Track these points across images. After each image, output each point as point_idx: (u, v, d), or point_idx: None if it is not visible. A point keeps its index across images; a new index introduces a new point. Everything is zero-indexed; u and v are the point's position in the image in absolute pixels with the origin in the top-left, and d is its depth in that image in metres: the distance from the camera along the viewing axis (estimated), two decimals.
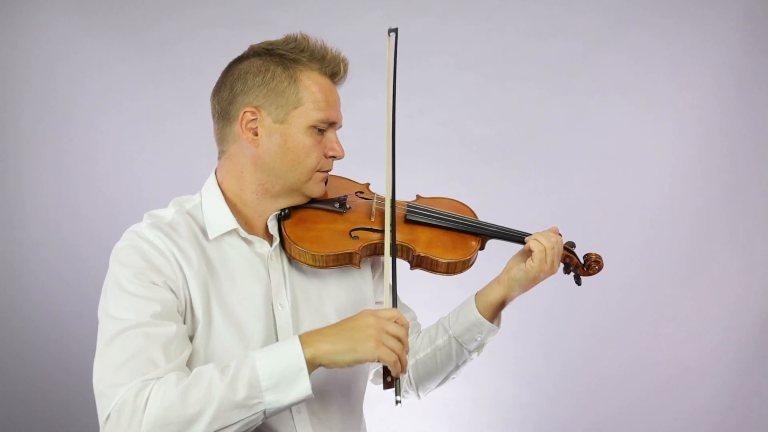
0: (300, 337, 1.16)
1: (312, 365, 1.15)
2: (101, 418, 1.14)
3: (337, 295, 1.43)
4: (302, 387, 1.13)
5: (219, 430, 1.10)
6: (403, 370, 1.19)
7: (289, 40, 1.36)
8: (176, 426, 1.09)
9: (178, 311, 1.24)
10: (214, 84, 1.42)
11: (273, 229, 1.38)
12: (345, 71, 1.39)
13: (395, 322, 1.18)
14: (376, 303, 1.53)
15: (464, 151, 3.03)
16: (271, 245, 1.37)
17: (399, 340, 1.18)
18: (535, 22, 2.99)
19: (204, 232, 1.34)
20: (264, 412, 1.13)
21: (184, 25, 2.99)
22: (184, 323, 1.26)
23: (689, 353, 2.97)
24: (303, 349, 1.14)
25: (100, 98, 2.98)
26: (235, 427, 1.12)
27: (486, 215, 1.60)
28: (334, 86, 1.38)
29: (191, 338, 1.27)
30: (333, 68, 1.37)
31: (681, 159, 2.98)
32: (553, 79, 3.00)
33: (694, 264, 2.99)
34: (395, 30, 1.47)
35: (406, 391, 1.61)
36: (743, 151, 2.97)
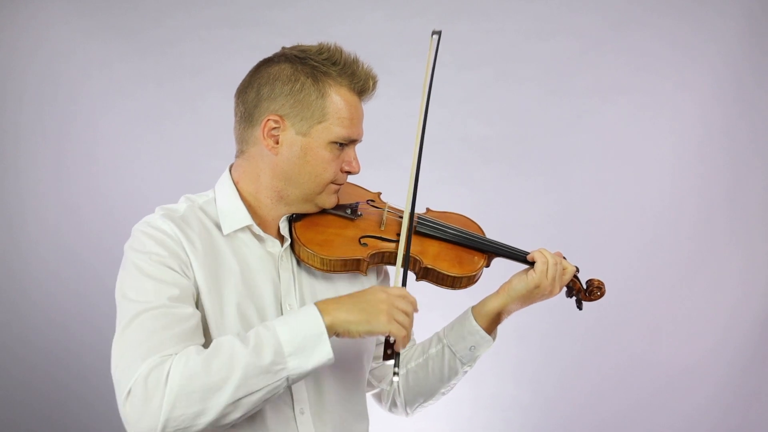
0: (316, 304, 1.19)
1: (330, 332, 1.17)
2: (122, 396, 1.10)
3: None
4: (324, 351, 1.15)
5: (242, 398, 1.10)
6: (405, 343, 1.22)
7: (322, 50, 1.34)
8: (200, 394, 1.08)
9: (194, 298, 1.25)
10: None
11: (284, 230, 1.38)
12: (374, 88, 1.38)
13: (404, 298, 1.22)
14: None
15: (464, 151, 3.03)
16: (282, 246, 1.38)
17: (407, 315, 1.21)
18: (535, 22, 2.99)
19: (217, 228, 1.34)
20: (287, 379, 1.14)
21: (184, 25, 2.99)
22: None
23: (689, 353, 2.97)
24: (322, 315, 1.16)
25: (100, 98, 2.98)
26: (258, 395, 1.12)
27: (487, 215, 1.60)
28: (360, 103, 1.38)
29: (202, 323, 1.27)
30: (362, 85, 1.36)
31: (681, 159, 2.98)
32: (553, 79, 3.00)
33: (694, 264, 2.99)
34: (439, 32, 1.46)
35: (394, 404, 1.61)
36: (743, 151, 2.97)
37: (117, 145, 3.00)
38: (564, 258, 1.51)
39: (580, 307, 1.55)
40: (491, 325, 1.49)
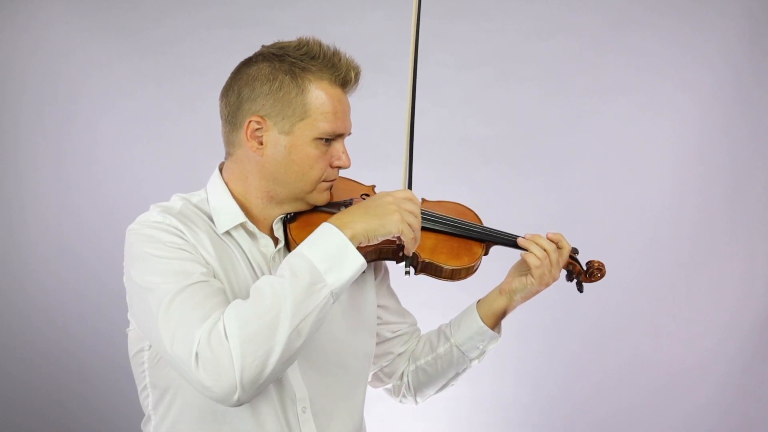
0: (330, 221, 1.22)
1: (353, 242, 1.20)
2: (190, 364, 1.10)
3: (341, 298, 1.43)
4: (355, 259, 1.19)
5: (299, 323, 1.13)
6: (417, 244, 1.30)
7: (301, 45, 1.32)
8: (262, 336, 1.10)
9: (216, 276, 1.27)
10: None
11: (278, 231, 1.37)
12: (356, 79, 1.35)
13: (410, 200, 1.28)
14: (378, 306, 1.53)
15: (464, 151, 3.03)
16: (275, 246, 1.37)
17: (415, 216, 1.27)
18: (535, 22, 2.99)
19: (212, 225, 1.33)
20: (332, 294, 1.16)
21: (184, 25, 2.99)
22: None
23: (689, 353, 2.97)
24: (340, 230, 1.20)
25: (100, 98, 2.98)
26: (312, 316, 1.14)
27: (487, 215, 1.60)
28: (344, 95, 1.35)
29: None
30: (344, 77, 1.33)
31: (681, 159, 2.98)
32: (553, 79, 3.00)
33: (694, 264, 2.99)
34: None
35: (404, 396, 1.61)
36: (743, 151, 2.97)
37: (117, 145, 3.00)
38: (562, 237, 1.48)
39: (580, 289, 1.53)
40: (497, 321, 1.50)
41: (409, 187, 1.42)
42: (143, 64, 2.98)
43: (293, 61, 1.30)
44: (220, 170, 1.40)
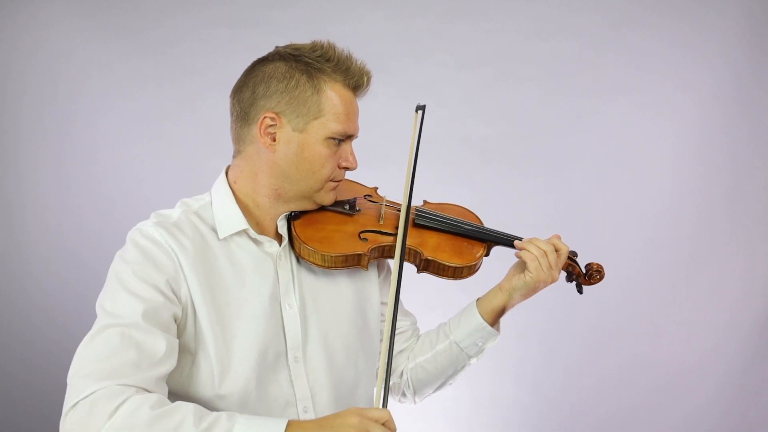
0: (289, 421, 1.11)
1: None
2: (67, 405, 1.10)
3: (345, 295, 1.45)
4: None
5: None
6: None
7: (315, 47, 1.35)
8: None
9: (174, 318, 1.24)
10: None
11: (282, 228, 1.39)
12: (368, 84, 1.38)
13: (382, 425, 1.11)
14: (382, 303, 1.54)
15: (464, 151, 3.03)
16: (280, 245, 1.38)
17: None
18: (535, 22, 2.99)
19: (213, 232, 1.34)
20: None
21: (184, 25, 2.99)
22: (183, 326, 1.26)
23: (689, 353, 2.98)
24: None
25: (100, 98, 2.99)
26: None
27: (487, 215, 1.61)
28: (355, 98, 1.38)
29: (194, 335, 1.27)
30: (356, 81, 1.36)
31: (681, 159, 2.98)
32: (553, 79, 3.00)
33: (694, 264, 2.99)
34: (423, 107, 1.48)
35: (403, 395, 1.62)
36: (743, 151, 2.97)
37: (117, 145, 3.00)
38: (559, 239, 1.49)
39: (580, 291, 1.55)
40: (496, 319, 1.50)
41: (410, 191, 1.41)
42: (143, 64, 2.98)
43: (309, 62, 1.33)
44: (227, 173, 1.41)
